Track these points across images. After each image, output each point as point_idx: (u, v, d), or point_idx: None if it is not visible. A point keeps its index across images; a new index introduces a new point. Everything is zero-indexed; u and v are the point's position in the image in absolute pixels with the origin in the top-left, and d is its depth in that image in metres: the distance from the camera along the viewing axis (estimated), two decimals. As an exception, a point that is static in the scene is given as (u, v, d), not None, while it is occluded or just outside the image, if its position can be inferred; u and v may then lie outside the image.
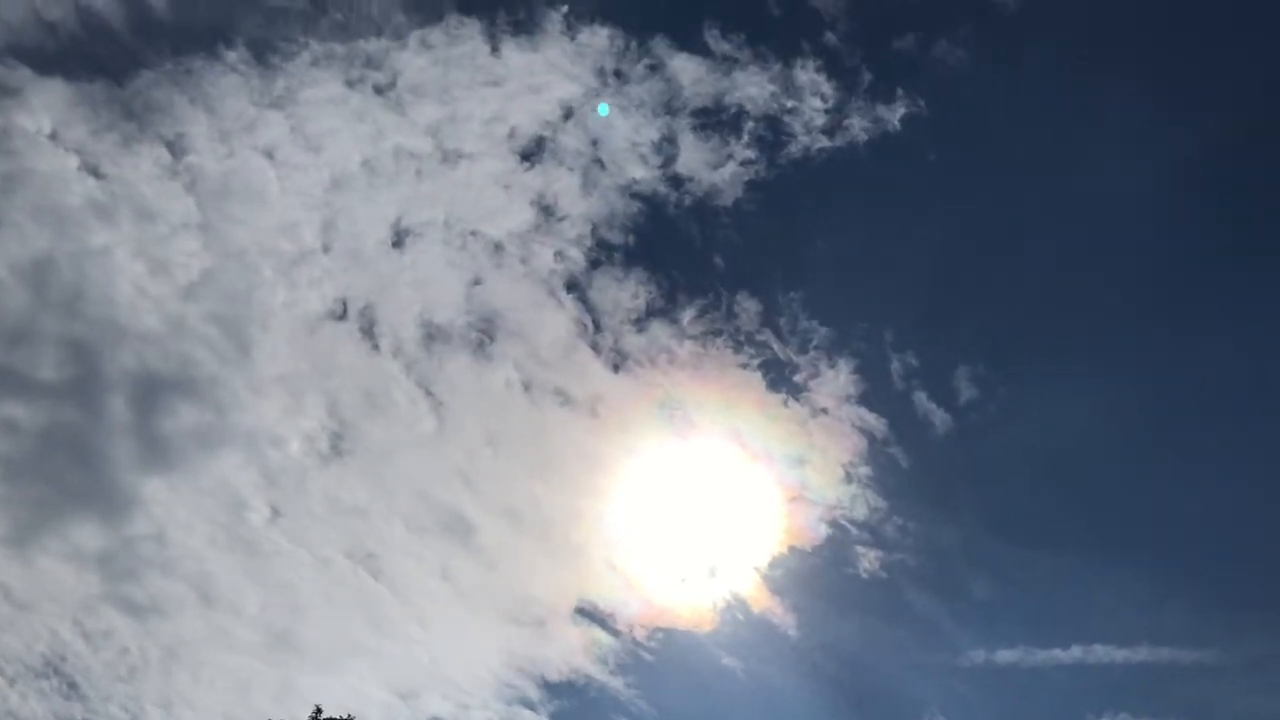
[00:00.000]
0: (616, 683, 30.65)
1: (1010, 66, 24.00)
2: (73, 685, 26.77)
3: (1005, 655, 27.13)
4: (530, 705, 32.82)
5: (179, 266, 24.80)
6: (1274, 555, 26.63)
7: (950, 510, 26.84)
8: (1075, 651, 27.63)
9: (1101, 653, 27.89)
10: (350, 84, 24.89)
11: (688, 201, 25.14)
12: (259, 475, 26.04)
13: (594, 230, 25.38)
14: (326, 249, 25.33)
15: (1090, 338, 25.58)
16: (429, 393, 25.98)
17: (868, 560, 26.30)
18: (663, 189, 25.07)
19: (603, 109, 24.37)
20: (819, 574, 26.43)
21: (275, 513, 25.97)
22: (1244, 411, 26.13)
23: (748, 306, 25.61)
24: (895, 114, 24.12)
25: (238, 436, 25.90)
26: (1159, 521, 26.63)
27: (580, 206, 25.30)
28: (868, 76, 24.12)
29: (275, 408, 25.66)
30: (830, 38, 24.05)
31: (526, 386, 26.04)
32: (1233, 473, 26.43)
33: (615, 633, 28.05)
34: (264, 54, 24.58)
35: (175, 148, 24.66)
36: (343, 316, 25.72)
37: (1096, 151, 24.50)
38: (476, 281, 25.57)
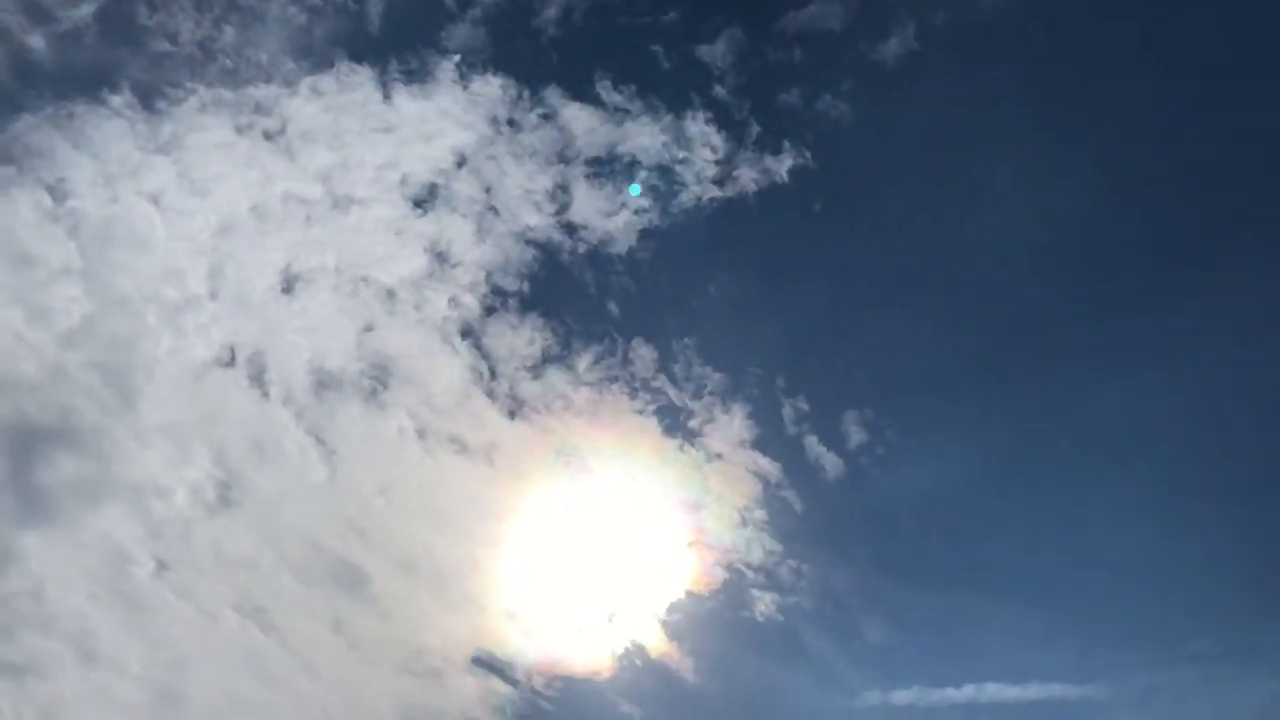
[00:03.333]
0: (515, 733, 30.31)
1: (891, 119, 24.73)
2: (-60, 752, 25.51)
3: (901, 696, 27.56)
4: (427, 758, 32.24)
5: (59, 313, 24.15)
6: (1155, 593, 27.52)
7: (843, 552, 27.23)
8: (968, 690, 28.20)
9: (993, 691, 28.51)
10: (239, 130, 24.64)
11: (582, 249, 25.34)
12: (143, 528, 25.29)
13: (488, 277, 25.41)
14: (213, 295, 24.93)
15: (976, 381, 26.28)
16: (320, 441, 25.61)
17: (763, 604, 26.53)
18: (557, 236, 25.25)
19: None
20: (716, 618, 26.57)
21: (160, 566, 25.20)
22: (1128, 453, 27.05)
23: (643, 353, 25.78)
24: (783, 165, 24.66)
25: (121, 488, 25.18)
26: (1047, 561, 27.34)
27: (474, 253, 25.32)
28: (755, 129, 24.65)
29: (160, 458, 25.02)
30: (719, 91, 24.54)
31: (420, 434, 25.84)
32: (1117, 513, 27.29)
33: (513, 682, 27.79)
34: (150, 99, 24.24)
35: (56, 192, 24.11)
36: (230, 364, 25.29)
37: (976, 204, 25.32)
38: (368, 328, 25.37)
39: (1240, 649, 28.15)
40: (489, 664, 26.95)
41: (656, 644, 26.83)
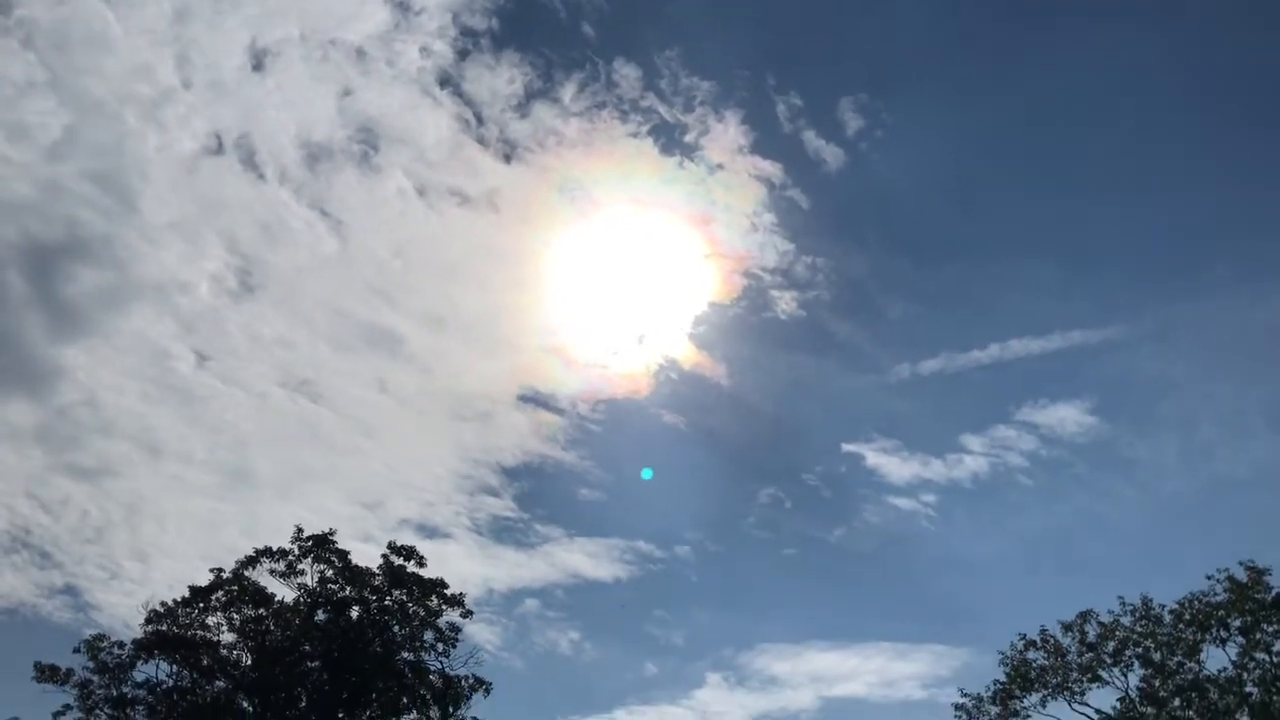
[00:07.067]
0: (570, 457, 31.96)
1: None
2: (45, 555, 27.56)
3: (929, 365, 28.65)
4: (493, 492, 34.27)
5: (38, 128, 23.91)
6: (1168, 228, 27.76)
7: (855, 239, 27.71)
8: (993, 350, 29.23)
9: (1018, 347, 29.49)
10: (167, -101, 23.15)
11: (547, -30, 24.30)
12: (175, 324, 25.97)
13: (455, 18, 24.63)
14: (187, 85, 24.45)
15: (970, 47, 25.61)
16: (324, 213, 25.87)
17: (784, 302, 27.30)
18: (519, -40, 24.14)
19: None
20: (741, 323, 27.44)
21: (201, 357, 26.02)
22: (1132, 93, 26.51)
23: (626, 73, 25.30)
24: None
25: (144, 289, 25.64)
26: (1059, 213, 27.70)
27: (436, -5, 24.35)
28: None
29: (174, 255, 25.35)
30: None
31: (421, 191, 25.93)
32: (1125, 154, 27.20)
33: (560, 412, 29.14)
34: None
35: (1, 4, 23.18)
36: (219, 151, 25.20)
37: None
38: (346, 92, 24.97)
39: (1256, 268, 28.39)
40: (534, 399, 28.21)
41: (688, 356, 27.86)
